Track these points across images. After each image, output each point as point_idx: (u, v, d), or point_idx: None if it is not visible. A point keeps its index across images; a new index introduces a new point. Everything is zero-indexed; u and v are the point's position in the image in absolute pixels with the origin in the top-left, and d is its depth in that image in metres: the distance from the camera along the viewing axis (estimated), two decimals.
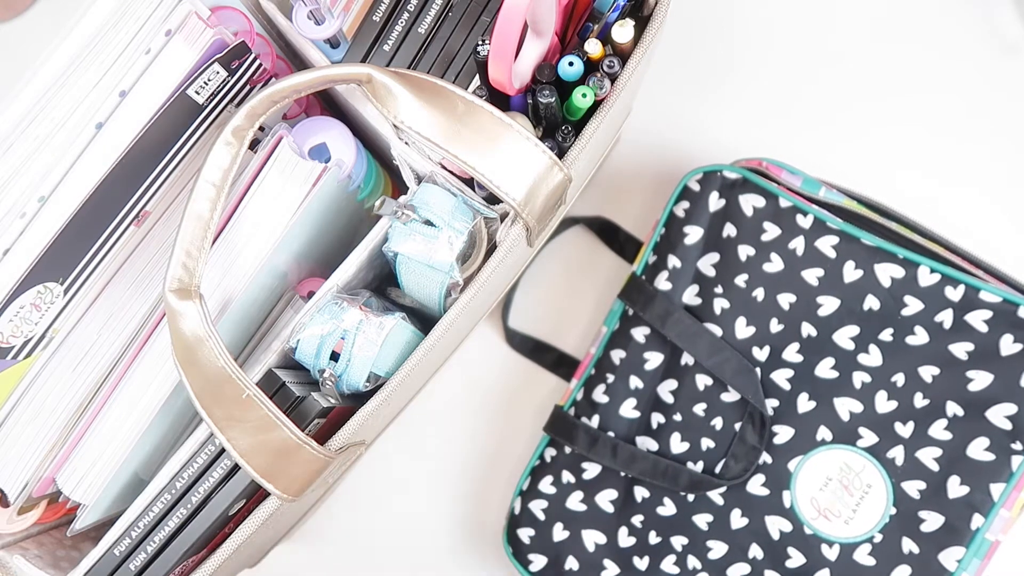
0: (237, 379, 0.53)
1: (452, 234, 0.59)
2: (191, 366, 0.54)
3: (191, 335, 0.53)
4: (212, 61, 0.57)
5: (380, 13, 0.64)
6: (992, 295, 0.70)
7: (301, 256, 0.64)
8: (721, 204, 0.77)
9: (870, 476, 0.72)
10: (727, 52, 0.90)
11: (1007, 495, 0.69)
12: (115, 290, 0.60)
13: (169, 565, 0.60)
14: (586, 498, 0.79)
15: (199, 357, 0.53)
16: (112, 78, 0.56)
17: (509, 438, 0.87)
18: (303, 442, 0.55)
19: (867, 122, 0.88)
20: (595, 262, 0.89)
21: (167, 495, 0.60)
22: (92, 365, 0.60)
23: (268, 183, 0.59)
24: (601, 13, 0.63)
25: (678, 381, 0.78)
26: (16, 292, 0.55)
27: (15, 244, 0.55)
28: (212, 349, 0.53)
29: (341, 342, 0.59)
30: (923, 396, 0.71)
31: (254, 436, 0.54)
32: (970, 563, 0.69)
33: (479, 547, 0.87)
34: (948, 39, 0.88)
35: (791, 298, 0.75)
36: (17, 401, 0.59)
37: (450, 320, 0.60)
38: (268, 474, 0.55)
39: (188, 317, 0.53)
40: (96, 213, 0.56)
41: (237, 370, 0.54)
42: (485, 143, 0.55)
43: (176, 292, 0.54)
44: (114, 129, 0.56)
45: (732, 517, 0.75)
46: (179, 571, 0.61)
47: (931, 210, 0.80)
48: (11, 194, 0.55)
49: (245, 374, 0.54)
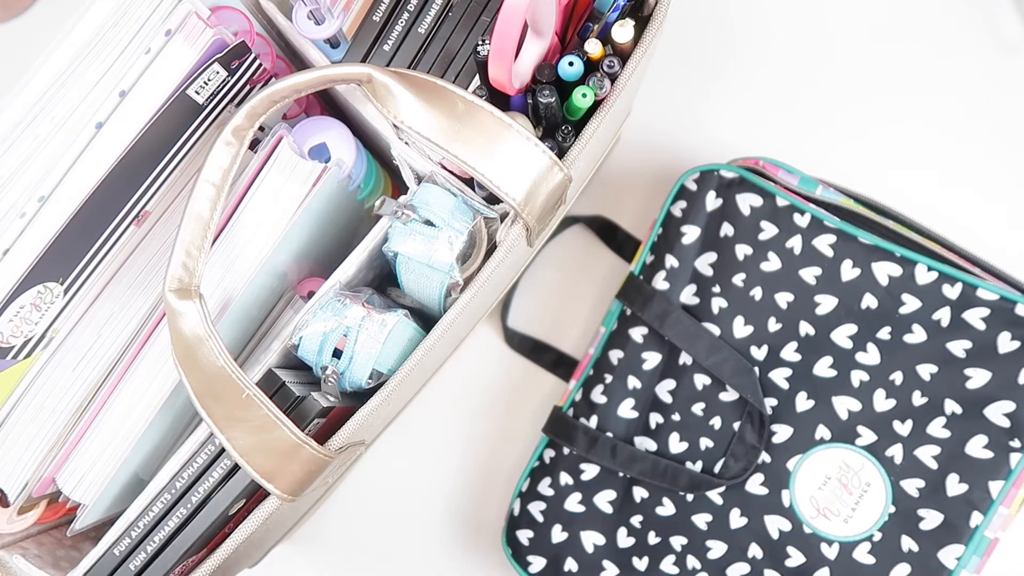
0: (237, 379, 0.53)
1: (452, 234, 0.59)
2: (191, 366, 0.54)
3: (191, 335, 0.53)
4: (212, 61, 0.57)
5: (380, 13, 0.64)
6: (989, 293, 0.71)
7: (301, 256, 0.64)
8: (718, 203, 0.77)
9: (869, 474, 0.72)
10: (726, 52, 0.90)
11: (1006, 492, 0.69)
12: (115, 290, 0.60)
13: (169, 565, 0.60)
14: (585, 499, 0.79)
15: (199, 357, 0.53)
16: (112, 78, 0.56)
17: (508, 439, 0.87)
18: (303, 442, 0.55)
19: (865, 121, 0.88)
20: (594, 262, 0.89)
21: (167, 495, 0.60)
22: (92, 365, 0.60)
23: (268, 183, 0.59)
24: (601, 13, 0.63)
25: (676, 381, 0.78)
26: (16, 292, 0.55)
27: (15, 244, 0.55)
28: (212, 349, 0.53)
29: (344, 339, 0.59)
30: (921, 394, 0.71)
31: (254, 436, 0.54)
32: (969, 560, 0.69)
33: (478, 548, 0.87)
34: (948, 39, 0.88)
35: (789, 297, 0.75)
36: (17, 401, 0.59)
37: (450, 320, 0.60)
38: (268, 474, 0.55)
39: (188, 317, 0.53)
40: (96, 213, 0.56)
41: (237, 370, 0.54)
42: (485, 143, 0.55)
43: (176, 292, 0.54)
44: (114, 129, 0.56)
45: (731, 517, 0.75)
46: (179, 571, 0.61)
47: (929, 209, 0.81)
48: (11, 194, 0.55)
49: (245, 374, 0.54)
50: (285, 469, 0.55)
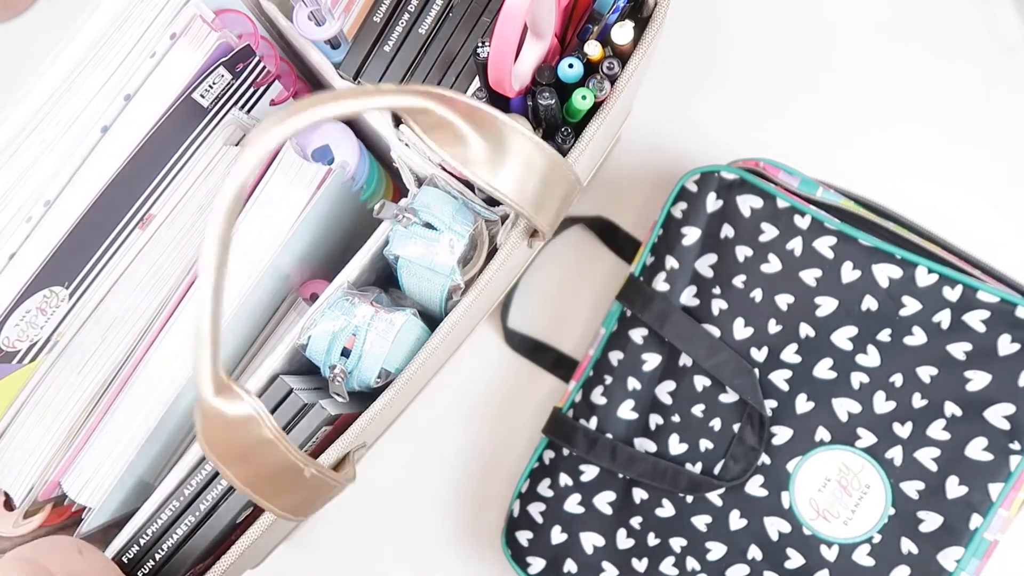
0: (303, 466, 0.49)
1: (453, 237, 0.59)
2: (243, 463, 0.48)
3: (255, 439, 0.47)
4: (217, 64, 0.57)
5: (381, 14, 0.64)
6: (990, 295, 0.71)
7: (304, 258, 0.64)
8: (719, 205, 0.77)
9: (869, 476, 0.72)
10: (726, 53, 0.90)
11: (1005, 495, 0.69)
12: (120, 293, 0.60)
13: (179, 573, 0.60)
14: (584, 500, 0.79)
15: (259, 456, 0.48)
16: (117, 82, 0.56)
17: (508, 440, 0.87)
18: (330, 478, 0.53)
19: (866, 122, 0.88)
20: (594, 262, 0.89)
21: (175, 502, 0.60)
22: (97, 368, 0.60)
23: (272, 186, 0.60)
24: (601, 14, 0.63)
25: (676, 382, 0.78)
26: (22, 296, 0.55)
27: (21, 248, 0.55)
28: (283, 448, 0.48)
29: (352, 338, 0.59)
30: (921, 396, 0.72)
31: (281, 489, 0.51)
32: (969, 563, 0.69)
33: (478, 549, 0.87)
34: (948, 40, 0.88)
35: (789, 299, 0.75)
36: (22, 405, 0.60)
37: (452, 323, 0.60)
38: (279, 503, 0.52)
39: (250, 423, 0.47)
40: (101, 217, 0.56)
41: (303, 456, 0.49)
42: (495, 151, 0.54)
43: (220, 396, 0.45)
44: (119, 133, 0.56)
45: (731, 518, 0.75)
46: None
47: (930, 210, 0.81)
48: (17, 198, 0.55)
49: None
50: (298, 496, 0.53)
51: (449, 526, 0.87)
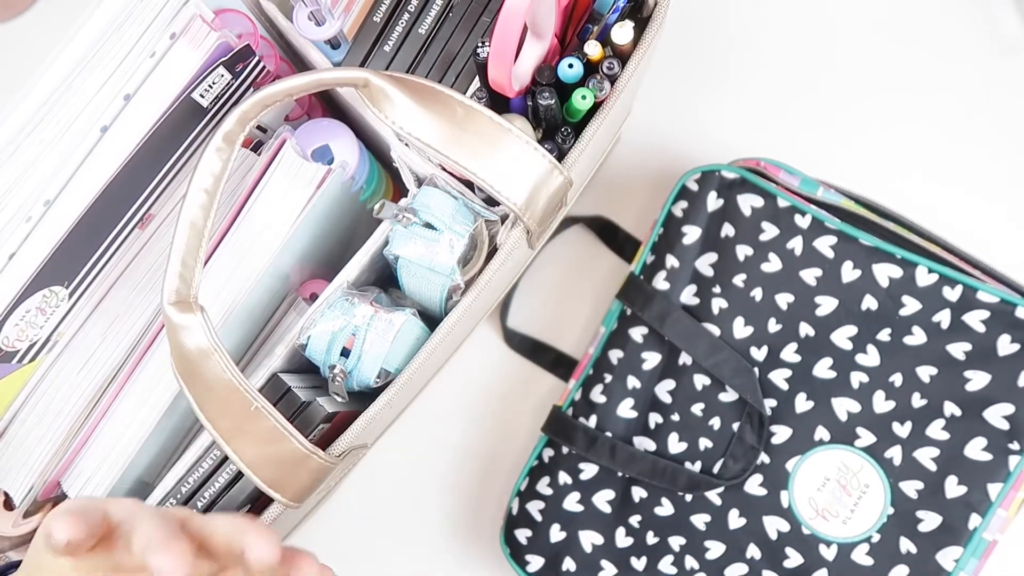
0: (245, 391, 0.53)
1: (453, 237, 0.59)
2: (194, 379, 0.53)
3: (195, 348, 0.52)
4: (217, 64, 0.57)
5: (380, 14, 0.64)
6: (990, 295, 0.71)
7: (304, 258, 0.64)
8: (719, 204, 0.78)
9: (868, 476, 0.72)
10: (726, 52, 0.90)
11: (1004, 495, 0.69)
12: (119, 293, 0.60)
13: None
14: (583, 498, 0.79)
15: (204, 370, 0.52)
16: (117, 81, 0.56)
17: (507, 438, 0.87)
18: (311, 452, 0.55)
19: (866, 122, 0.88)
20: (594, 262, 0.89)
21: (172, 500, 0.60)
22: (97, 368, 0.60)
23: (273, 185, 0.60)
24: (600, 14, 0.63)
25: (676, 381, 0.78)
26: (22, 296, 0.55)
27: (21, 248, 0.55)
28: (219, 362, 0.52)
29: (352, 338, 0.59)
30: (921, 396, 0.72)
31: (261, 447, 0.54)
32: (968, 563, 0.69)
33: (476, 547, 0.87)
34: (948, 40, 0.88)
35: (789, 298, 0.75)
36: (22, 405, 0.60)
37: (452, 323, 0.60)
38: (275, 484, 0.55)
39: (191, 330, 0.52)
40: (101, 216, 0.56)
41: (245, 382, 0.53)
42: (485, 148, 0.55)
43: (176, 305, 0.53)
44: (119, 133, 0.56)
45: (730, 517, 0.75)
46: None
47: (930, 210, 0.81)
48: (17, 198, 0.55)
49: (249, 379, 0.54)
50: (292, 478, 0.55)
51: (448, 524, 0.87)
